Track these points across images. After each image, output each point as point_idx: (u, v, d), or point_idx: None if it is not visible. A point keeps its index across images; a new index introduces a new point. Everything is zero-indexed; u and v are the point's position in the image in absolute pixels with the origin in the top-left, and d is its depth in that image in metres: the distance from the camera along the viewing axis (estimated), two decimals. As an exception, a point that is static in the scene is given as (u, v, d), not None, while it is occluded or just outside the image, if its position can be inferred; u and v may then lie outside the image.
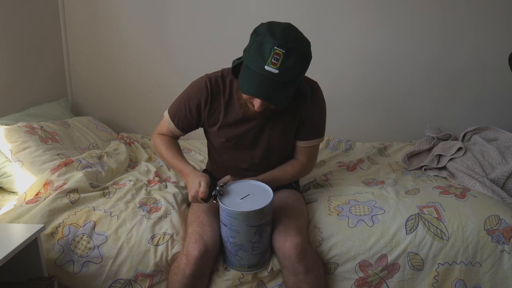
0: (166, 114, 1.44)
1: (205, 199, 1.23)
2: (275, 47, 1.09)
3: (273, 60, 1.09)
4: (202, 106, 1.36)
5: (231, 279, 1.29)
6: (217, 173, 1.51)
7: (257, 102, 1.18)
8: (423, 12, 2.22)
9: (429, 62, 2.29)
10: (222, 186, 1.26)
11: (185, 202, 1.55)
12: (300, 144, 1.43)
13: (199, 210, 1.36)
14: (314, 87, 1.37)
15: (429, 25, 2.24)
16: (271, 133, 1.38)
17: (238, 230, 1.20)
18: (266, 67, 1.10)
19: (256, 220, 1.19)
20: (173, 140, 1.47)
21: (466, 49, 2.26)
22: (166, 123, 1.44)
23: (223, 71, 1.38)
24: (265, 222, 1.22)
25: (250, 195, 1.24)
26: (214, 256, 1.27)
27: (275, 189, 1.34)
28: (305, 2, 2.23)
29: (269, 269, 1.29)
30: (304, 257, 1.22)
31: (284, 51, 1.09)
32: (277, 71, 1.09)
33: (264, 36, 1.12)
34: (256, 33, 1.16)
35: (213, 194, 1.23)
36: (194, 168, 1.35)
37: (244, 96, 1.21)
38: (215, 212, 1.33)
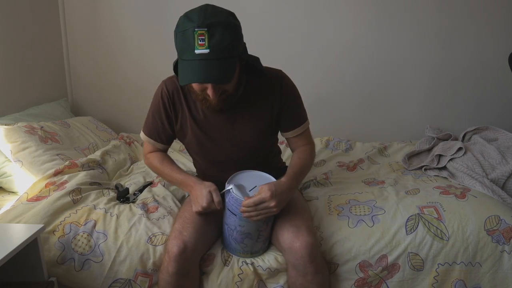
0: (142, 135, 1.43)
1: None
2: (195, 29, 1.07)
3: (199, 42, 1.07)
4: (168, 111, 1.35)
5: (230, 275, 1.29)
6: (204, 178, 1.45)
7: (210, 91, 1.16)
8: (423, 12, 2.22)
9: (429, 62, 2.29)
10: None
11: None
12: (291, 134, 1.40)
13: (183, 209, 1.36)
14: (279, 75, 1.34)
15: (429, 25, 2.24)
16: (243, 126, 1.34)
17: (248, 219, 1.21)
18: (196, 51, 1.08)
19: None
20: (164, 154, 1.44)
21: (466, 49, 2.26)
22: (146, 143, 1.43)
23: None
24: None
25: (257, 186, 1.25)
26: (198, 253, 1.25)
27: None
28: (303, 1, 2.23)
29: (265, 267, 1.29)
30: (316, 258, 1.22)
31: (206, 29, 1.07)
32: (207, 50, 1.07)
33: (183, 24, 1.10)
34: (177, 26, 1.13)
35: (226, 189, 1.24)
36: (197, 177, 1.33)
37: (196, 88, 1.19)
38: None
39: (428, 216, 1.37)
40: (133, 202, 1.50)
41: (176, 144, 2.24)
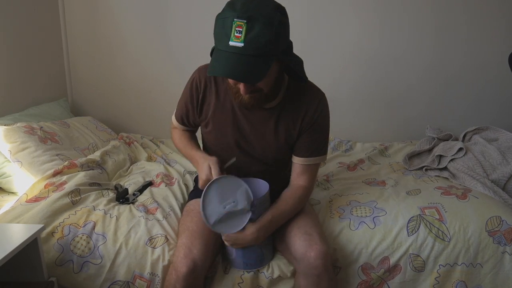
0: (173, 116, 1.47)
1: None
2: (235, 19, 0.99)
3: (236, 34, 0.99)
4: (195, 97, 1.31)
5: (230, 284, 1.28)
6: None
7: (241, 86, 1.10)
8: (423, 13, 2.21)
9: (429, 62, 2.29)
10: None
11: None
12: (300, 161, 1.29)
13: (188, 220, 1.30)
14: (320, 97, 1.27)
15: (429, 25, 2.23)
16: (267, 129, 1.27)
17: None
18: (230, 42, 1.00)
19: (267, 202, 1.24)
20: (182, 131, 1.46)
21: (466, 49, 2.26)
22: (173, 122, 1.48)
23: None
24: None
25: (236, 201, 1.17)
26: (206, 269, 1.22)
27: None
28: (305, 2, 2.23)
29: (267, 274, 1.28)
30: (329, 266, 1.18)
31: (245, 21, 0.98)
32: (241, 44, 0.99)
33: (225, 12, 1.03)
34: (219, 13, 1.07)
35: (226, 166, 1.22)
36: (205, 153, 1.32)
37: (230, 81, 1.14)
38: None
39: (429, 217, 1.37)
40: (133, 202, 1.50)
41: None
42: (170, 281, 1.19)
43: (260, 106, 1.22)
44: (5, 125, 1.67)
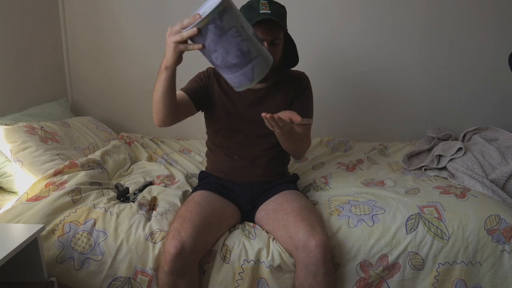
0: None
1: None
2: (260, 1, 1.37)
3: (263, 7, 1.36)
4: (205, 81, 1.53)
5: (231, 274, 1.29)
6: (216, 168, 1.59)
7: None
8: (423, 13, 2.22)
9: (429, 61, 2.30)
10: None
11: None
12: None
13: (183, 209, 1.37)
14: (305, 75, 1.61)
15: (428, 26, 2.24)
16: (267, 103, 1.52)
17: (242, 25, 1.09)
18: (260, 11, 1.35)
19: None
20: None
21: (466, 49, 2.26)
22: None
23: None
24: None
25: None
26: (196, 254, 1.25)
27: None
28: (303, 2, 2.23)
29: (267, 263, 1.29)
30: (328, 258, 1.22)
31: (267, 1, 1.38)
32: (269, 11, 1.36)
33: (249, 1, 1.40)
34: (243, 5, 1.41)
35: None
36: None
37: None
38: (200, 211, 1.34)
39: (428, 215, 1.37)
40: (133, 201, 1.50)
41: (176, 144, 2.24)
42: (161, 263, 1.23)
43: (265, 79, 1.32)
44: (5, 125, 1.67)
